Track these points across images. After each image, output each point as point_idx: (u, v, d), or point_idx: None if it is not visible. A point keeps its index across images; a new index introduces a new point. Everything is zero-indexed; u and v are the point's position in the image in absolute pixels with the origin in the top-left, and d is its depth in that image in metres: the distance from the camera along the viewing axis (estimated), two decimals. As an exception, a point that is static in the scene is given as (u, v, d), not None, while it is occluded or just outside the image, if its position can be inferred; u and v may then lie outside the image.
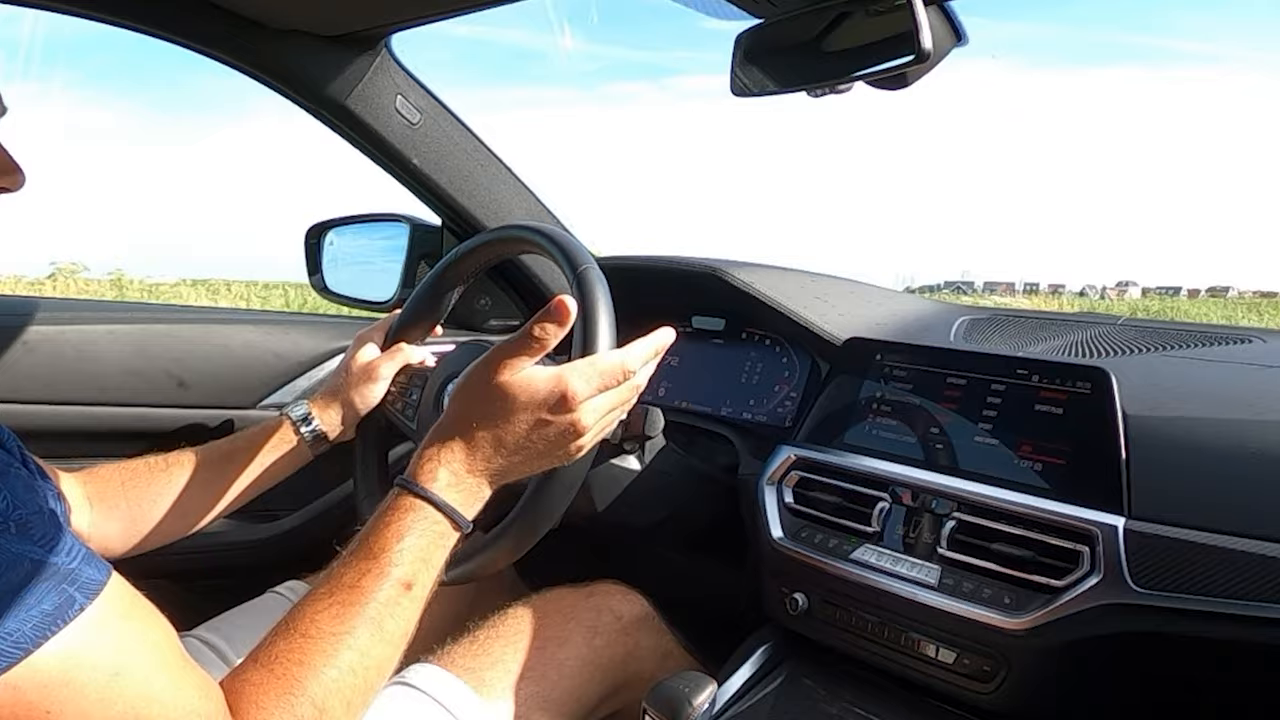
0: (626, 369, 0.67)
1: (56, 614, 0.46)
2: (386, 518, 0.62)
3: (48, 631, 0.45)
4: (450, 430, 0.65)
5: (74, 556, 0.48)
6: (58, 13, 0.97)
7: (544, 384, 0.64)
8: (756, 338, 1.14)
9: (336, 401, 0.92)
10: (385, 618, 0.58)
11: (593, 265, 0.76)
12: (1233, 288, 18.01)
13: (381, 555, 0.60)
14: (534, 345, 0.64)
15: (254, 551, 1.21)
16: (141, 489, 0.84)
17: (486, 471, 0.65)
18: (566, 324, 0.64)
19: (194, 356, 1.17)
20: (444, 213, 1.27)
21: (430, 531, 0.62)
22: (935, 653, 0.80)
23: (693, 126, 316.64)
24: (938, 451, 0.85)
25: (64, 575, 0.47)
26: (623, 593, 0.96)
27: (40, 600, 0.46)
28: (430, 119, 1.17)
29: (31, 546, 0.47)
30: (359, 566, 0.59)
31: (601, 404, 0.66)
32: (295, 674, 0.55)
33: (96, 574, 0.49)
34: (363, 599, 0.58)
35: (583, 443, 0.66)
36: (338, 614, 0.57)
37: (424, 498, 0.62)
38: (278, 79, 1.08)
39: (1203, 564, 0.67)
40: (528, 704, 0.82)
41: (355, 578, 0.59)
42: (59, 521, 0.49)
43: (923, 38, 0.69)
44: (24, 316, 1.07)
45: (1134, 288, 50.57)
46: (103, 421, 1.11)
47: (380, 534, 0.61)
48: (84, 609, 0.47)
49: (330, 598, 0.58)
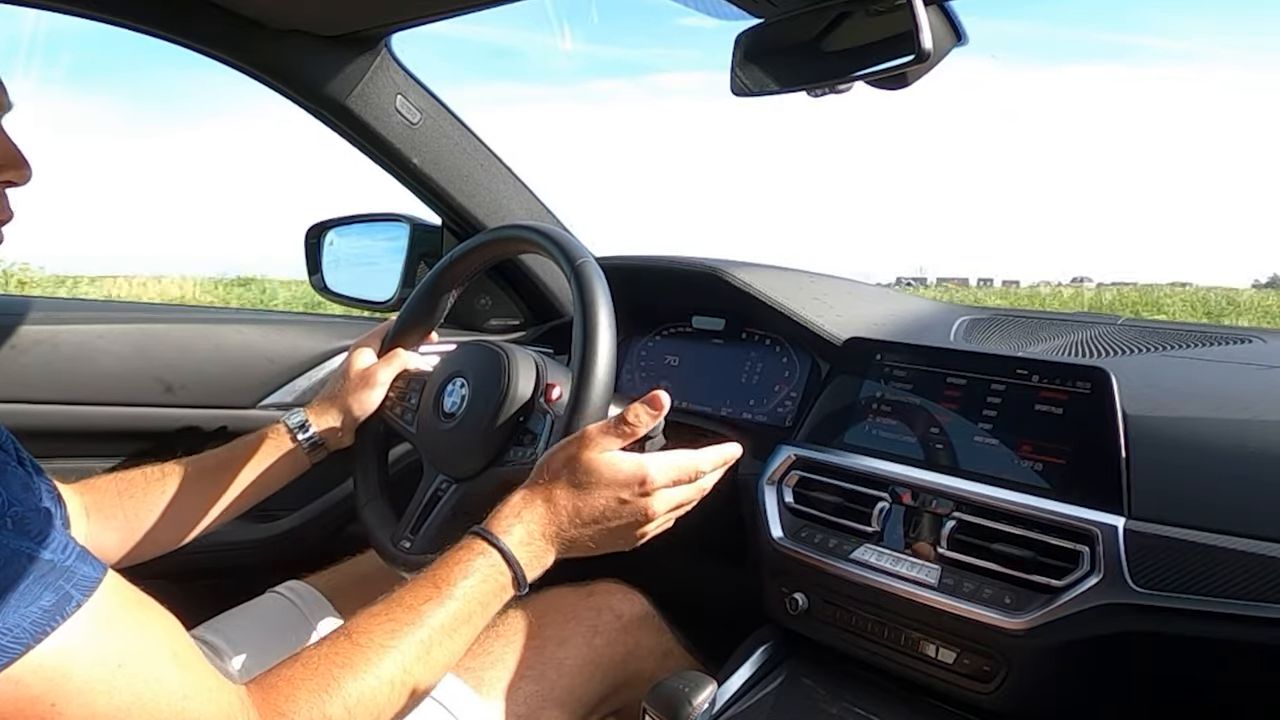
0: (699, 468, 0.72)
1: (54, 610, 0.46)
2: (457, 555, 0.65)
3: (46, 627, 0.46)
4: (535, 493, 0.69)
5: (69, 554, 0.48)
6: (58, 13, 0.97)
7: (627, 466, 0.69)
8: (756, 338, 1.14)
9: (334, 408, 0.92)
10: (435, 644, 0.61)
11: (590, 259, 0.76)
12: (1191, 284, 18.15)
13: (445, 587, 0.63)
14: (625, 430, 0.70)
15: (254, 551, 1.21)
16: (138, 499, 0.83)
17: (558, 538, 0.68)
18: (660, 414, 0.70)
19: (193, 356, 1.17)
20: (444, 213, 1.27)
21: (493, 579, 0.65)
22: (935, 653, 0.80)
23: (670, 123, 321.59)
24: (938, 451, 0.85)
25: (60, 571, 0.47)
26: (623, 592, 0.96)
27: (38, 596, 0.46)
28: (430, 119, 1.17)
29: (27, 542, 0.47)
30: (421, 593, 0.63)
31: (672, 496, 0.71)
32: (334, 674, 0.56)
33: (92, 571, 0.49)
34: (418, 620, 0.61)
35: (648, 530, 0.71)
36: (391, 629, 0.60)
37: (495, 546, 0.65)
38: (278, 79, 1.08)
39: (1203, 564, 0.67)
40: (528, 703, 0.82)
41: (415, 601, 0.62)
42: (54, 520, 0.49)
43: (923, 38, 0.68)
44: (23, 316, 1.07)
45: (1089, 283, 50.60)
46: (101, 421, 1.11)
47: (448, 569, 0.64)
48: (81, 605, 0.47)
49: (386, 614, 0.61)
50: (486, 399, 0.82)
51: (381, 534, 0.88)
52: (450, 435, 0.85)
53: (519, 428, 0.82)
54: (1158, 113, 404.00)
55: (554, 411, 0.80)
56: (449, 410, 0.86)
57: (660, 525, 0.72)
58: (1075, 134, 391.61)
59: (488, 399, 0.82)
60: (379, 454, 0.95)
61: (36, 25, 5.22)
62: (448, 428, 0.85)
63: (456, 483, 0.83)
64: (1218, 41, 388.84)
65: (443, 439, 0.85)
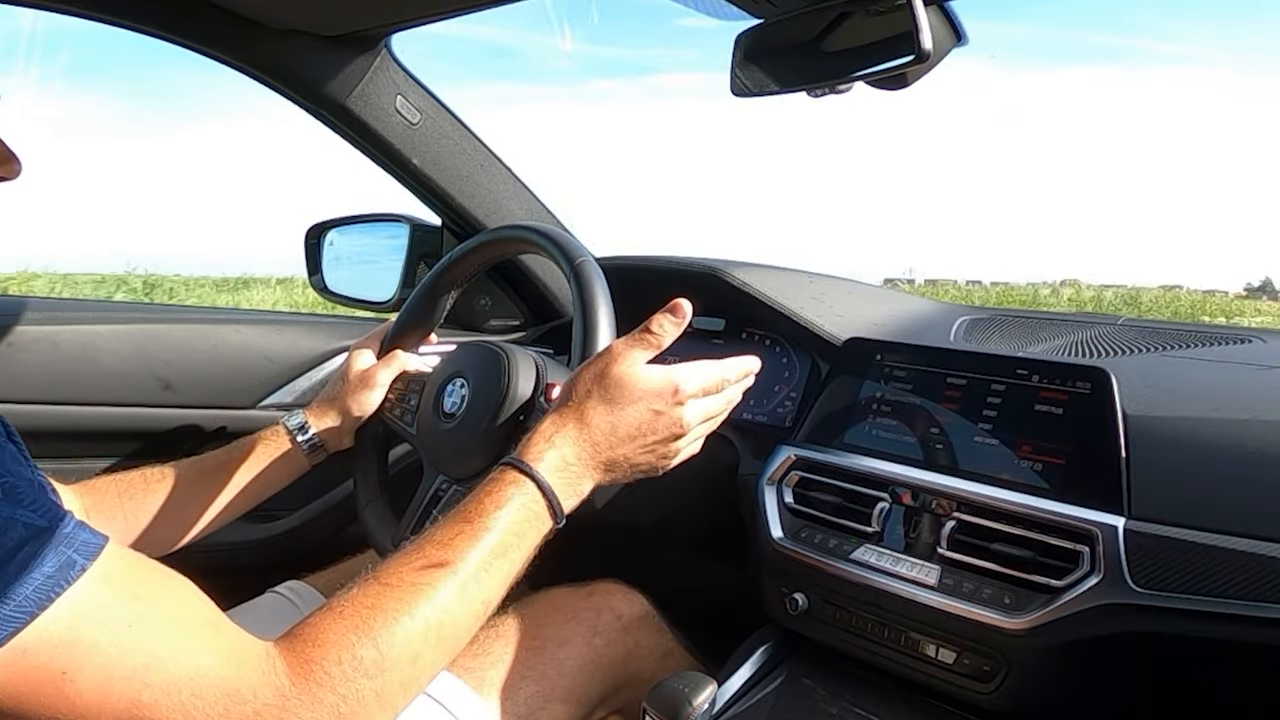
0: (725, 377, 0.71)
1: (59, 575, 0.45)
2: (488, 488, 0.63)
3: (51, 594, 0.45)
4: (566, 416, 0.67)
5: (68, 522, 0.47)
6: (58, 13, 0.97)
7: (657, 376, 0.67)
8: (756, 338, 1.14)
9: (333, 409, 0.92)
10: (470, 580, 0.58)
11: (589, 258, 0.76)
12: (1183, 286, 18.07)
13: (477, 520, 0.60)
14: (651, 341, 0.68)
15: (254, 551, 1.21)
16: (138, 500, 0.83)
17: (594, 460, 0.66)
18: (683, 322, 0.69)
19: (193, 357, 1.17)
20: (444, 213, 1.27)
21: (528, 509, 0.62)
22: (935, 653, 0.80)
23: (670, 123, 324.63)
24: (938, 451, 0.85)
25: (61, 538, 0.46)
26: (623, 592, 0.96)
27: (40, 564, 0.45)
28: (430, 119, 1.17)
29: (22, 510, 0.46)
30: (452, 528, 0.60)
31: (704, 407, 0.70)
32: (365, 616, 0.53)
33: (93, 537, 0.48)
34: (452, 557, 0.58)
35: (680, 445, 0.70)
36: (422, 566, 0.57)
37: (528, 474, 0.63)
38: (278, 79, 1.08)
39: (1203, 564, 0.67)
40: (528, 703, 0.82)
41: (447, 537, 0.59)
42: (48, 491, 0.48)
43: (923, 38, 0.69)
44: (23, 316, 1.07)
45: (1069, 286, 50.87)
46: (101, 422, 1.11)
47: (479, 501, 0.61)
48: (85, 569, 0.46)
49: (419, 553, 0.58)
50: (486, 399, 0.82)
51: (381, 535, 0.88)
52: (450, 435, 0.85)
53: (519, 428, 0.82)
54: (1152, 115, 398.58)
55: None
56: (449, 410, 0.86)
57: (692, 440, 0.71)
58: (1067, 136, 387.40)
59: (488, 399, 0.82)
60: (379, 455, 0.95)
61: (34, 25, 5.21)
62: (448, 428, 0.85)
63: (457, 483, 0.83)
64: (1214, 45, 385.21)
65: (443, 439, 0.85)
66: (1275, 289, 17.79)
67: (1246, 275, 79.04)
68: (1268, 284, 19.16)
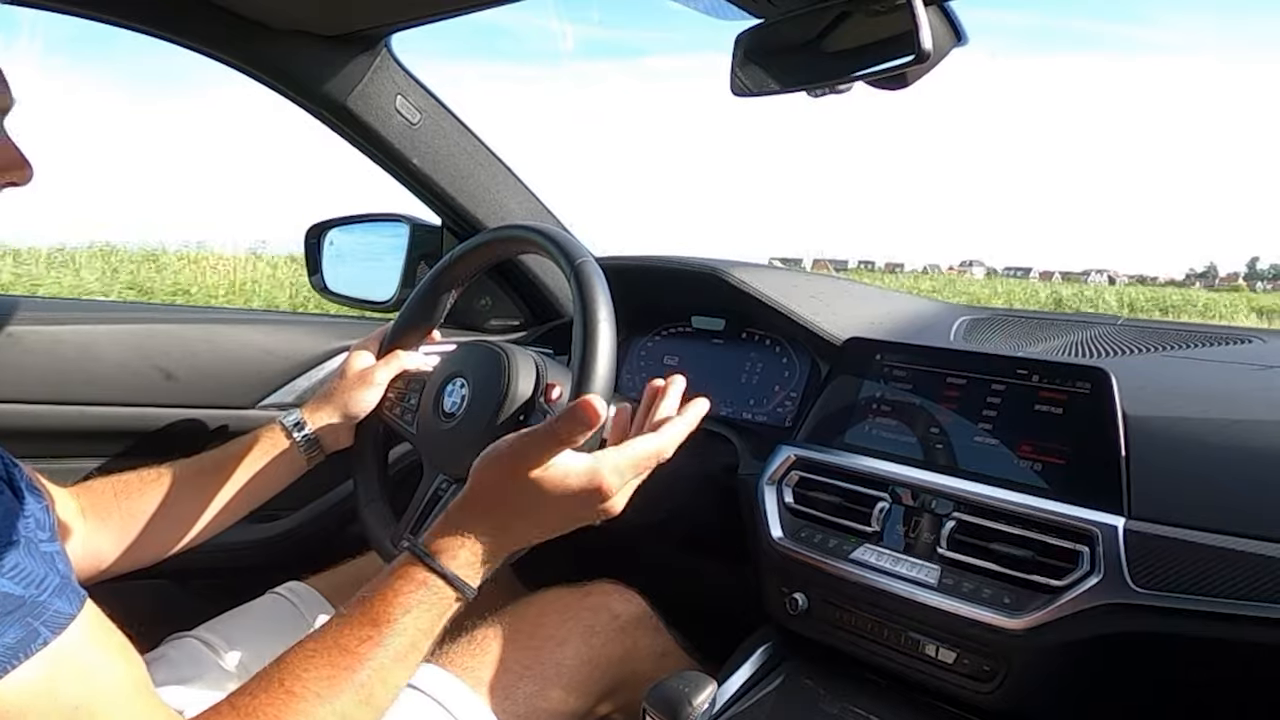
0: (663, 455, 0.69)
1: (18, 647, 0.46)
2: (396, 586, 0.60)
3: (8, 665, 0.45)
4: (477, 512, 0.64)
5: (44, 589, 0.48)
6: (58, 12, 0.97)
7: (578, 478, 0.63)
8: (756, 338, 1.14)
9: (330, 408, 0.91)
10: (376, 685, 0.58)
11: (590, 259, 0.76)
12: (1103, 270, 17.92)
13: (384, 626, 0.59)
14: (563, 444, 0.63)
15: (254, 552, 1.21)
16: (134, 501, 0.83)
17: (507, 551, 0.65)
18: (595, 426, 0.62)
19: (193, 357, 1.17)
20: (444, 213, 1.27)
21: (439, 605, 0.61)
22: (935, 653, 0.80)
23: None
24: (937, 451, 0.85)
25: (30, 608, 0.47)
26: (620, 592, 0.96)
27: (2, 633, 0.45)
28: (430, 119, 1.17)
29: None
30: (359, 633, 0.59)
31: (634, 485, 0.68)
32: None
33: (66, 606, 0.48)
34: (356, 665, 0.57)
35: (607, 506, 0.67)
36: (328, 675, 0.56)
37: (440, 574, 0.61)
38: (278, 79, 1.08)
39: (1202, 564, 0.67)
40: (525, 702, 0.82)
41: (353, 643, 0.58)
42: (35, 552, 0.49)
43: (923, 38, 0.68)
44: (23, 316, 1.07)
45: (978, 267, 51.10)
46: (101, 421, 1.11)
47: (387, 602, 0.60)
48: (47, 643, 0.47)
49: (323, 657, 0.57)
50: (486, 399, 0.82)
51: (381, 535, 0.88)
52: (450, 435, 0.85)
53: (519, 428, 0.82)
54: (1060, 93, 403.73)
55: (554, 411, 0.80)
56: (449, 410, 0.86)
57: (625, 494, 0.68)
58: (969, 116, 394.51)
59: (487, 399, 0.82)
60: (379, 454, 0.95)
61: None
62: (448, 428, 0.85)
63: (456, 483, 0.83)
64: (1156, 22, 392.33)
65: (443, 439, 0.85)
66: (1218, 274, 17.93)
67: (1190, 261, 79.49)
68: (1211, 269, 19.23)
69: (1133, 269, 48.16)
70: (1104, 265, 64.25)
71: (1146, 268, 75.88)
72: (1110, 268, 30.17)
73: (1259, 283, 66.93)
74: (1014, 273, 55.13)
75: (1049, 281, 35.03)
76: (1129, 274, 42.54)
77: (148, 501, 0.83)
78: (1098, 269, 30.40)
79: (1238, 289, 44.55)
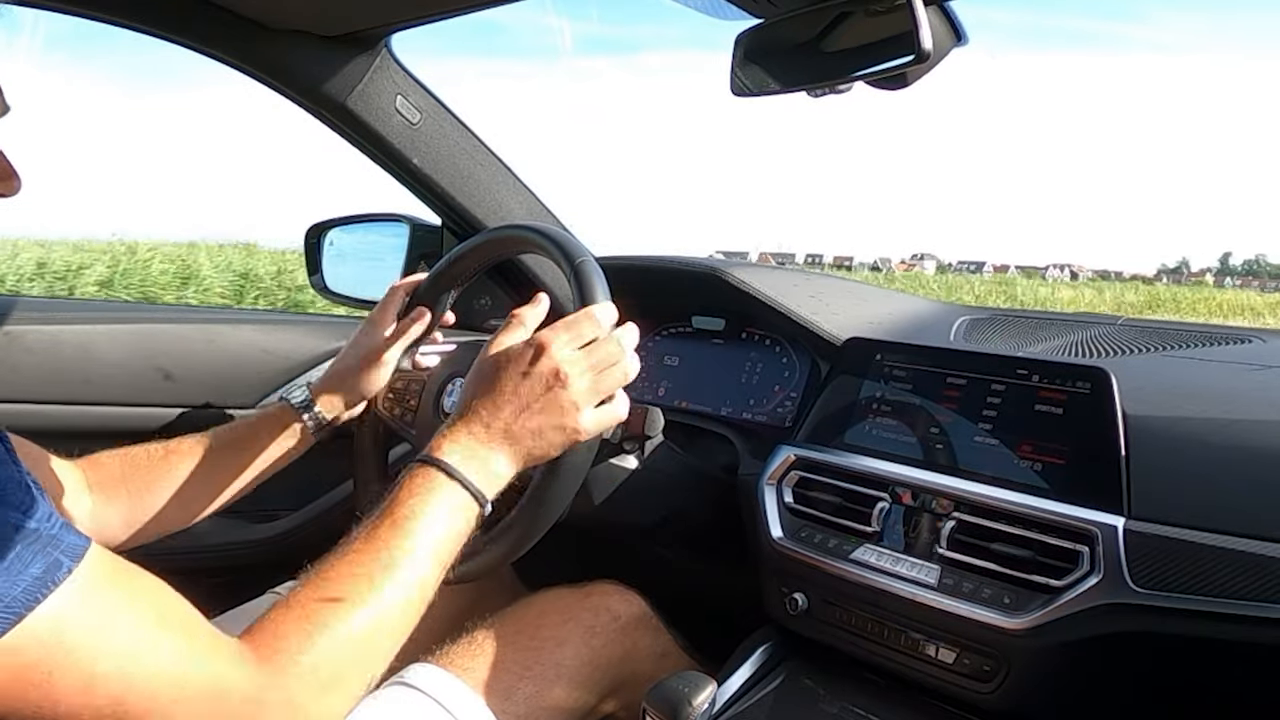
0: (595, 319, 0.72)
1: (45, 577, 0.46)
2: (407, 485, 0.65)
3: (39, 594, 0.46)
4: (457, 414, 0.70)
5: (54, 524, 0.48)
6: (58, 12, 0.97)
7: (519, 344, 0.71)
8: (756, 338, 1.14)
9: (340, 386, 0.92)
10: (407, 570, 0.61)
11: (590, 259, 0.76)
12: (1064, 265, 17.79)
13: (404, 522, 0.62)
14: (516, 328, 0.72)
15: (254, 551, 1.21)
16: (141, 476, 0.83)
17: (494, 440, 0.68)
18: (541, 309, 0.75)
19: (193, 356, 1.17)
20: (444, 213, 1.27)
21: (449, 501, 0.65)
22: (935, 652, 0.80)
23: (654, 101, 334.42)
24: (937, 451, 0.85)
25: (47, 540, 0.47)
26: (620, 592, 0.96)
27: (27, 565, 0.46)
28: (430, 119, 1.17)
29: (10, 512, 0.47)
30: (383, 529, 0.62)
31: (580, 355, 0.70)
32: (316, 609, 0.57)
33: (78, 540, 0.49)
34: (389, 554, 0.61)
35: (573, 395, 0.69)
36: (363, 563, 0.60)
37: (440, 467, 0.65)
38: (278, 79, 1.08)
39: (1202, 564, 0.67)
40: (526, 704, 0.82)
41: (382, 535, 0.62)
42: (35, 492, 0.49)
43: (922, 38, 0.68)
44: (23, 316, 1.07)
45: (929, 261, 51.03)
46: (101, 421, 1.11)
47: (403, 503, 0.63)
48: (71, 571, 0.47)
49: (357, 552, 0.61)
50: None
51: None
52: None
53: None
54: (1034, 88, 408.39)
55: None
56: (449, 410, 0.86)
57: (587, 392, 0.70)
58: (930, 109, 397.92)
59: None
60: (379, 454, 0.95)
61: (35, 24, 5.24)
62: None
63: None
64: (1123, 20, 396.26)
65: None
66: (1189, 270, 17.97)
67: (1162, 257, 79.95)
68: (1184, 264, 19.28)
69: (1100, 264, 47.75)
70: (1067, 260, 63.89)
71: (1116, 263, 75.85)
72: (1074, 262, 29.96)
73: (1229, 278, 66.75)
74: (967, 267, 54.73)
75: (1003, 276, 34.69)
76: (1094, 269, 42.20)
77: (154, 477, 0.84)
78: (1058, 264, 30.10)
79: (1202, 285, 44.46)
